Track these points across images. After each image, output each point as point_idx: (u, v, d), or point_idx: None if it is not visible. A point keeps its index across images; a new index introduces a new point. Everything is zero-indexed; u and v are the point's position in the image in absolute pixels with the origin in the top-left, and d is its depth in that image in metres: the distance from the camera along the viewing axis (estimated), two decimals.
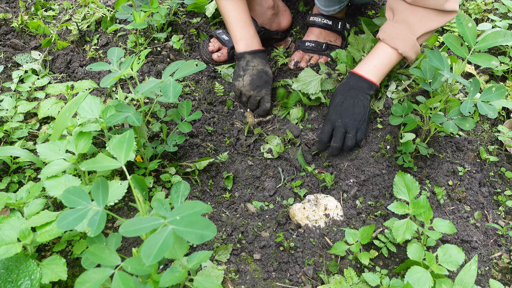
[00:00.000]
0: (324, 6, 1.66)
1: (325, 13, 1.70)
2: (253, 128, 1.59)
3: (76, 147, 1.09)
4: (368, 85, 1.43)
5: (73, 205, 0.80)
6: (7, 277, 0.89)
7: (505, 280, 1.16)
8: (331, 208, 1.30)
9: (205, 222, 0.69)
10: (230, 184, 1.43)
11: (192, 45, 1.91)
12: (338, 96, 1.44)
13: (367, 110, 1.42)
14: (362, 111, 1.41)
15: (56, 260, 0.94)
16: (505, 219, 1.31)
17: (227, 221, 1.31)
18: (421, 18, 1.34)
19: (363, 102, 1.41)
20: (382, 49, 1.43)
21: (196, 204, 0.74)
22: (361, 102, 1.41)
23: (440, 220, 1.10)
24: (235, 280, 1.15)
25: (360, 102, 1.41)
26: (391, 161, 1.42)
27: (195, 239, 0.68)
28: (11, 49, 1.86)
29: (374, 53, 1.45)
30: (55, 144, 1.10)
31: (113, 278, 0.76)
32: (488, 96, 1.20)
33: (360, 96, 1.42)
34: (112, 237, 0.92)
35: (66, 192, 0.81)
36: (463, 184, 1.37)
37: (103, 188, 0.81)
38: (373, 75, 1.44)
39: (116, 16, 1.73)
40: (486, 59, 1.14)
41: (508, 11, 1.94)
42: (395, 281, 1.04)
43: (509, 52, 1.76)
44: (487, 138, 1.51)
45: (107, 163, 0.78)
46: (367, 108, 1.42)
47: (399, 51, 1.39)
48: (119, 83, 1.74)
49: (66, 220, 0.77)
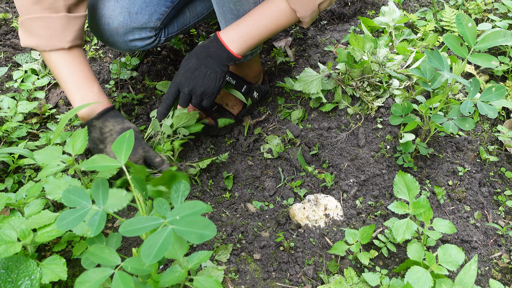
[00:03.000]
0: None
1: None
2: (253, 127, 1.59)
3: (72, 148, 1.09)
4: (228, 57, 1.26)
5: (73, 205, 0.80)
6: (7, 277, 0.89)
7: (505, 280, 1.16)
8: (331, 208, 1.30)
9: (205, 222, 0.69)
10: (230, 184, 1.43)
11: (192, 45, 1.91)
12: (193, 59, 1.28)
13: (218, 83, 1.30)
14: (213, 85, 1.29)
15: (56, 260, 0.94)
16: (505, 219, 1.31)
17: (227, 221, 1.31)
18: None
19: (216, 74, 1.29)
20: (276, 6, 1.23)
21: (196, 204, 0.74)
22: (213, 75, 1.28)
23: (440, 220, 1.10)
24: (235, 280, 1.15)
25: (213, 75, 1.28)
26: (391, 161, 1.42)
27: (195, 239, 0.68)
28: (11, 49, 1.86)
29: (262, 8, 1.24)
30: (51, 149, 1.10)
31: (113, 278, 0.76)
32: (488, 96, 1.20)
33: (216, 68, 1.27)
34: (112, 237, 0.92)
35: (66, 192, 0.81)
36: (463, 184, 1.37)
37: (103, 188, 0.81)
38: (239, 46, 1.26)
39: None
40: (486, 59, 1.14)
41: (508, 11, 1.94)
42: (395, 281, 1.04)
43: (509, 52, 1.76)
44: (487, 138, 1.52)
45: (107, 162, 0.78)
46: (219, 82, 1.30)
47: (298, 14, 1.22)
48: (119, 83, 1.75)
49: (66, 220, 0.77)
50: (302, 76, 1.58)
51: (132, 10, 1.36)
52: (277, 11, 1.23)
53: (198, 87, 1.28)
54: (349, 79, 1.60)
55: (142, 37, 1.41)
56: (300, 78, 1.58)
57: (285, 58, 1.79)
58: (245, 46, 1.26)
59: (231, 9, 1.26)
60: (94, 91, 1.24)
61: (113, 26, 1.35)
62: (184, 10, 1.54)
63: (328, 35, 2.00)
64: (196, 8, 1.56)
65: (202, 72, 1.27)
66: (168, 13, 1.44)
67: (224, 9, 1.28)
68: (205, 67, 1.27)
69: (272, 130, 1.60)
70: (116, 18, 1.35)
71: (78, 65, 1.23)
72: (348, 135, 1.51)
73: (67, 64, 1.21)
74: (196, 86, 1.28)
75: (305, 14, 1.22)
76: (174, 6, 1.46)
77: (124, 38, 1.38)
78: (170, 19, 1.49)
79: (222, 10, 1.28)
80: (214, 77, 1.28)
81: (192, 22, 1.58)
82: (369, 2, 2.16)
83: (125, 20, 1.35)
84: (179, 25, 1.54)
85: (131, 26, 1.36)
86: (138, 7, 1.37)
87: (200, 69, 1.27)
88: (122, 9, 1.35)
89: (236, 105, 1.56)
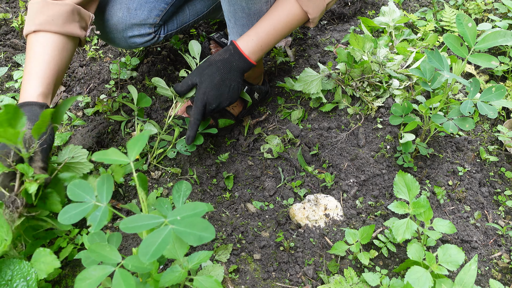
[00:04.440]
0: None
1: None
2: (253, 127, 1.59)
3: None
4: (249, 67, 1.29)
5: (77, 199, 0.79)
6: (0, 279, 0.89)
7: (505, 280, 1.16)
8: (331, 208, 1.30)
9: (205, 224, 0.69)
10: (230, 184, 1.43)
11: None
12: (217, 76, 1.27)
13: (240, 92, 1.33)
14: (236, 95, 1.31)
15: (42, 253, 0.93)
16: (505, 219, 1.31)
17: (227, 221, 1.31)
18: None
19: (239, 85, 1.30)
20: (289, 10, 1.24)
21: (197, 206, 0.74)
22: (237, 85, 1.30)
23: (440, 220, 1.10)
24: (235, 280, 1.15)
25: (236, 85, 1.30)
26: (391, 161, 1.42)
27: (193, 241, 0.67)
28: (11, 49, 1.86)
29: (276, 14, 1.26)
30: None
31: (114, 275, 0.76)
32: (488, 96, 1.20)
33: (238, 79, 1.29)
34: (113, 236, 0.92)
35: (72, 185, 0.81)
36: (463, 184, 1.37)
37: (108, 185, 0.81)
38: (258, 56, 1.29)
39: None
40: (486, 59, 1.14)
41: (508, 11, 1.94)
42: (395, 281, 1.04)
43: (509, 52, 1.76)
44: (487, 138, 1.52)
45: (117, 157, 0.78)
46: (240, 90, 1.33)
47: (310, 16, 1.25)
48: (119, 83, 1.75)
49: (68, 214, 0.77)
50: (302, 76, 1.58)
51: (131, 6, 1.36)
52: (291, 15, 1.25)
53: (224, 101, 1.30)
54: (349, 79, 1.60)
55: (141, 34, 1.41)
56: (300, 78, 1.58)
57: (285, 58, 1.79)
58: (262, 54, 1.30)
59: (243, 7, 1.26)
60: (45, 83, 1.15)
61: (112, 22, 1.36)
62: (184, 7, 1.54)
63: (328, 35, 2.00)
64: (195, 6, 1.56)
65: (227, 87, 1.29)
66: (167, 10, 1.45)
67: (236, 7, 1.28)
68: (230, 81, 1.28)
69: (272, 130, 1.60)
70: (115, 14, 1.35)
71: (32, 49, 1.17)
72: (348, 135, 1.52)
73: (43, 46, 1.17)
74: (222, 101, 1.30)
75: (316, 15, 1.25)
76: (174, 3, 1.46)
77: (123, 34, 1.38)
78: (169, 16, 1.49)
79: (233, 8, 1.28)
80: (237, 88, 1.31)
81: (191, 20, 1.58)
82: (369, 2, 2.16)
83: (124, 16, 1.35)
84: (178, 23, 1.54)
85: (130, 22, 1.37)
86: (137, 3, 1.37)
87: (225, 84, 1.28)
88: (121, 5, 1.35)
89: (236, 105, 1.56)
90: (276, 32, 1.27)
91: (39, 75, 1.14)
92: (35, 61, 1.16)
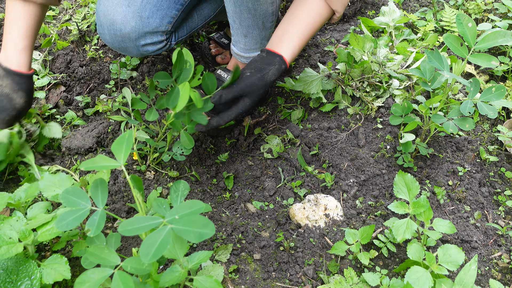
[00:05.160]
0: (243, 51, 1.47)
1: (245, 60, 1.49)
2: (253, 127, 1.59)
3: None
4: (285, 71, 1.32)
5: (72, 206, 0.80)
6: (7, 277, 0.89)
7: (505, 280, 1.16)
8: (331, 208, 1.30)
9: (204, 221, 0.69)
10: (230, 184, 1.43)
11: (192, 45, 1.91)
12: (262, 90, 1.26)
13: None
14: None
15: (58, 259, 0.93)
16: (505, 219, 1.31)
17: (227, 221, 1.31)
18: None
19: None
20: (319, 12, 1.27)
21: (194, 204, 0.74)
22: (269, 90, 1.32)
23: (440, 220, 1.10)
24: (235, 280, 1.15)
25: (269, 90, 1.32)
26: (391, 161, 1.42)
27: (193, 238, 0.68)
28: None
29: (309, 17, 1.27)
30: None
31: (113, 278, 0.76)
32: (488, 96, 1.20)
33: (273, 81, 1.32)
34: (112, 237, 0.92)
35: (65, 193, 0.81)
36: (463, 184, 1.37)
37: (102, 188, 0.81)
38: (292, 57, 1.31)
39: None
40: (486, 59, 1.14)
41: (508, 11, 1.94)
42: (395, 281, 1.04)
43: (509, 52, 1.75)
44: (487, 138, 1.51)
45: (106, 163, 0.78)
46: None
47: (337, 14, 1.29)
48: (119, 83, 1.75)
49: (65, 221, 0.77)
50: (302, 76, 1.58)
51: (143, 14, 1.35)
52: (319, 14, 1.28)
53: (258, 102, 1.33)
54: (349, 79, 1.60)
55: (154, 42, 1.41)
56: (300, 78, 1.58)
57: None
58: (296, 53, 1.31)
59: (249, 8, 1.27)
60: (23, 44, 1.26)
61: (126, 31, 1.35)
62: (192, 13, 1.54)
63: (328, 35, 2.00)
64: (203, 10, 1.57)
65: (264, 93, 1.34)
66: (178, 16, 1.45)
67: (241, 8, 1.28)
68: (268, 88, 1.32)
69: (272, 130, 1.60)
70: (128, 23, 1.34)
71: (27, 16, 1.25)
72: (348, 135, 1.51)
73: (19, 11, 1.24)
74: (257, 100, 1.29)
75: (342, 12, 1.29)
76: (184, 9, 1.46)
77: (136, 43, 1.38)
78: (180, 23, 1.49)
79: (238, 9, 1.28)
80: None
81: (200, 25, 1.59)
82: (369, 2, 2.16)
83: (137, 25, 1.35)
84: (188, 29, 1.54)
85: (143, 30, 1.36)
86: (149, 11, 1.36)
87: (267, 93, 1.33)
88: (134, 14, 1.34)
89: None
90: (308, 35, 1.30)
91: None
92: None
